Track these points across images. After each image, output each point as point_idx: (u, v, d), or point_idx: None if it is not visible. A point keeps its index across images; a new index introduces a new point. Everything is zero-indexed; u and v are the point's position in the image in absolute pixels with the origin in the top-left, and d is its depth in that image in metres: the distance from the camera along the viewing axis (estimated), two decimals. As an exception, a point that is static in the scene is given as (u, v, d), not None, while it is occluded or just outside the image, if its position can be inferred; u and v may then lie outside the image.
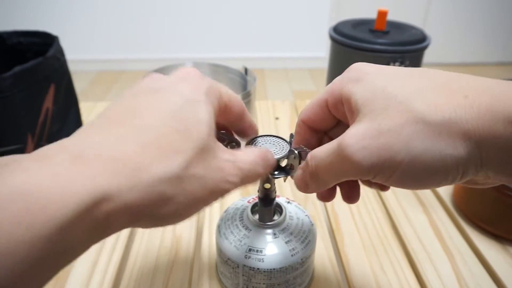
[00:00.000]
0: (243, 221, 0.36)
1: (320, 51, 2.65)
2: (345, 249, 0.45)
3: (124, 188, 0.18)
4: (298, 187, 0.28)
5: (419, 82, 0.23)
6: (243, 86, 0.62)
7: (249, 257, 0.34)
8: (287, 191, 0.54)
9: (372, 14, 0.77)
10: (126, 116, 0.22)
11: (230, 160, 0.24)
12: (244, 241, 0.34)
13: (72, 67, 0.56)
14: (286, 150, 0.30)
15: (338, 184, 0.29)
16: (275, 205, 0.36)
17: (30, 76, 0.45)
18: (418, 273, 0.42)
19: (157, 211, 0.20)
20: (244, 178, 0.24)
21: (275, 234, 0.35)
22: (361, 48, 0.61)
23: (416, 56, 0.62)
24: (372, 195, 0.54)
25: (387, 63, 0.60)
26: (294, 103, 0.79)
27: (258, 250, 0.34)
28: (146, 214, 0.20)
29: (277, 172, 0.30)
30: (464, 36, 2.62)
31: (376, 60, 0.60)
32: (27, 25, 2.30)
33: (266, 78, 2.53)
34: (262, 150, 0.27)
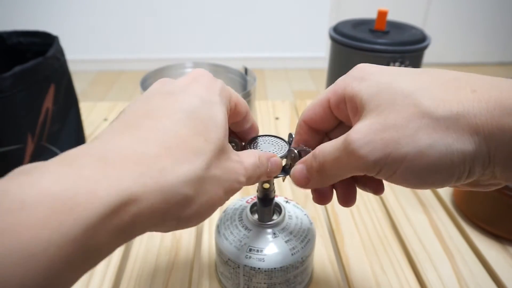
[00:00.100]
0: (243, 221, 0.36)
1: (320, 51, 2.65)
2: (345, 249, 0.45)
3: (149, 189, 0.19)
4: (297, 181, 0.28)
5: (425, 79, 0.23)
6: (243, 86, 0.62)
7: (249, 257, 0.34)
8: (287, 191, 0.54)
9: (372, 14, 0.77)
10: (144, 119, 0.22)
11: (239, 161, 0.24)
12: (244, 241, 0.34)
13: (72, 67, 0.56)
14: (285, 150, 0.30)
15: (335, 187, 0.29)
16: (274, 204, 0.36)
17: (30, 76, 0.45)
18: (418, 273, 0.42)
19: (181, 212, 0.21)
20: (249, 179, 0.25)
21: (275, 233, 0.35)
22: (361, 48, 0.61)
23: (416, 56, 0.62)
24: (372, 195, 0.54)
25: (387, 63, 0.60)
26: (294, 103, 0.79)
27: (258, 250, 0.34)
28: (171, 216, 0.20)
29: None
30: (464, 36, 2.62)
31: (376, 60, 0.60)
32: (27, 25, 2.30)
33: (266, 78, 2.53)
34: (267, 153, 0.28)
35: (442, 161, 0.21)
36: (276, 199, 0.37)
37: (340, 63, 0.67)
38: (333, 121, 0.28)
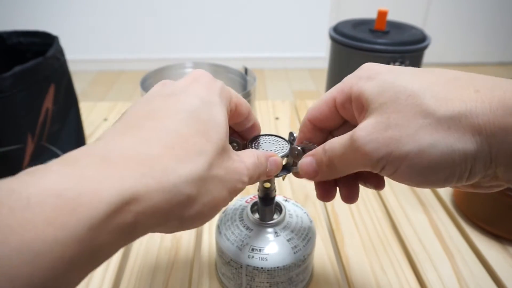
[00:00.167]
0: (243, 221, 0.36)
1: (320, 51, 2.65)
2: (345, 249, 0.45)
3: (151, 189, 0.19)
4: (306, 173, 0.28)
5: (429, 78, 0.23)
6: (243, 86, 0.62)
7: (252, 256, 0.34)
8: (287, 190, 0.54)
9: (372, 14, 0.77)
10: (145, 120, 0.22)
11: (241, 161, 0.25)
12: (246, 241, 0.34)
13: (72, 67, 0.56)
14: (286, 149, 0.30)
15: (338, 184, 0.29)
16: (275, 203, 0.37)
17: (30, 76, 0.45)
18: (418, 273, 0.42)
19: (183, 212, 0.21)
20: (251, 178, 0.25)
21: (277, 232, 0.35)
22: (361, 48, 0.61)
23: (416, 56, 0.62)
24: (372, 195, 0.54)
25: (387, 63, 0.60)
26: (294, 103, 0.79)
27: (260, 250, 0.34)
28: (173, 216, 0.20)
29: None
30: (464, 36, 2.62)
31: (376, 60, 0.60)
32: (27, 25, 2.30)
33: (266, 78, 2.53)
34: (266, 153, 0.28)
35: (443, 160, 0.21)
36: (275, 198, 0.37)
37: (340, 63, 0.67)
38: (338, 120, 0.28)
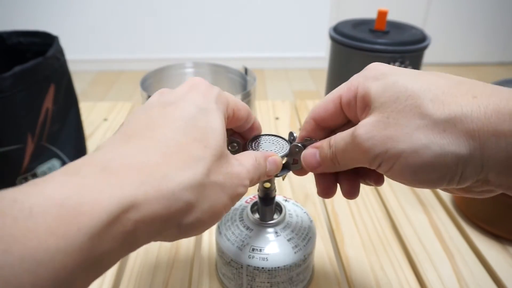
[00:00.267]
0: (244, 221, 0.36)
1: (320, 51, 2.65)
2: (345, 249, 0.45)
3: (150, 196, 0.19)
4: (308, 165, 0.29)
5: (430, 80, 0.23)
6: (243, 86, 0.62)
7: (252, 257, 0.34)
8: (287, 190, 0.54)
9: (372, 14, 0.77)
10: (143, 129, 0.22)
11: (240, 164, 0.25)
12: (246, 241, 0.35)
13: (72, 67, 0.56)
14: (286, 149, 0.30)
15: (339, 180, 0.30)
16: (274, 203, 0.37)
17: (30, 76, 0.45)
18: (418, 273, 0.42)
19: (182, 220, 0.21)
20: (251, 181, 0.26)
21: (277, 232, 0.35)
22: (361, 48, 0.61)
23: (416, 56, 0.62)
24: (372, 195, 0.54)
25: (387, 63, 0.60)
26: (294, 103, 0.79)
27: (261, 250, 0.34)
28: (173, 223, 0.21)
29: None
30: (464, 36, 2.62)
31: (376, 60, 0.60)
32: (27, 25, 2.30)
33: (266, 78, 2.53)
34: (264, 153, 0.28)
35: (436, 161, 0.21)
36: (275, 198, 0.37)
37: (340, 63, 0.67)
38: (341, 119, 0.29)
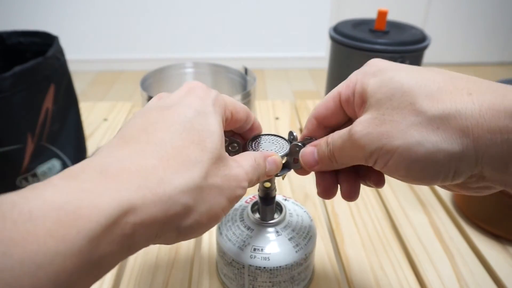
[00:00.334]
0: (244, 221, 0.36)
1: (320, 51, 2.65)
2: (345, 249, 0.45)
3: (148, 200, 0.19)
4: (306, 163, 0.29)
5: (426, 76, 0.23)
6: (243, 86, 0.62)
7: (254, 256, 0.34)
8: (287, 190, 0.54)
9: (372, 14, 0.77)
10: (141, 133, 0.23)
11: (238, 166, 0.25)
12: (247, 241, 0.35)
13: (72, 67, 0.56)
14: (286, 148, 0.30)
15: (339, 181, 0.30)
16: (275, 203, 0.37)
17: (30, 76, 0.45)
18: (418, 273, 0.42)
19: (181, 223, 0.21)
20: (250, 182, 0.26)
21: (278, 232, 0.35)
22: (361, 48, 0.61)
23: (416, 56, 0.62)
24: (372, 195, 0.54)
25: (387, 63, 0.60)
26: (294, 103, 0.79)
27: (263, 249, 0.34)
28: (171, 226, 0.21)
29: None
30: (464, 36, 2.62)
31: (376, 60, 0.60)
32: (27, 25, 2.30)
33: (266, 78, 2.53)
34: (264, 153, 0.28)
35: (428, 158, 0.21)
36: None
37: (340, 63, 0.67)
38: (342, 117, 0.29)
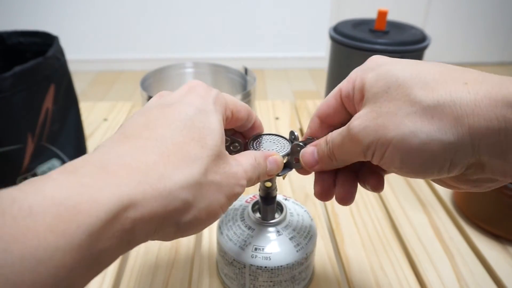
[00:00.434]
0: (245, 221, 0.36)
1: (320, 51, 2.65)
2: (345, 248, 0.45)
3: (148, 195, 0.19)
4: (306, 163, 0.29)
5: (421, 68, 0.23)
6: (243, 86, 0.62)
7: (255, 256, 0.34)
8: (287, 190, 0.54)
9: (372, 14, 0.77)
10: (142, 129, 0.23)
11: (238, 164, 0.25)
12: (248, 240, 0.35)
13: (72, 67, 0.56)
14: (288, 148, 0.30)
15: (336, 183, 0.30)
16: (276, 203, 0.37)
17: (30, 76, 0.45)
18: (418, 273, 0.42)
19: (180, 218, 0.21)
20: (249, 181, 0.26)
21: (279, 231, 0.35)
22: (361, 48, 0.61)
23: (416, 56, 0.62)
24: (372, 195, 0.54)
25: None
26: (294, 103, 0.79)
27: (263, 249, 0.34)
28: (170, 222, 0.21)
29: None
30: (464, 36, 2.62)
31: (376, 60, 0.60)
32: (27, 25, 2.30)
33: (266, 78, 2.53)
34: (264, 153, 0.28)
35: (422, 149, 0.21)
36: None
37: (340, 63, 0.67)
38: (344, 114, 0.29)
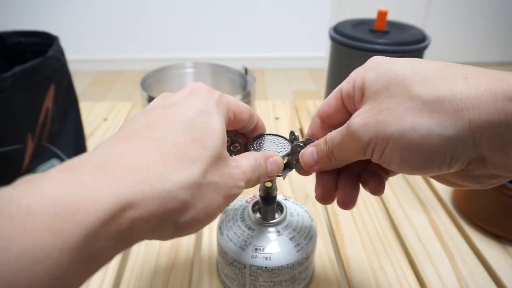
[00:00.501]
0: (245, 221, 0.36)
1: (320, 51, 2.65)
2: (345, 248, 0.45)
3: (147, 195, 0.19)
4: (306, 163, 0.29)
5: (422, 65, 0.23)
6: (243, 86, 0.62)
7: (255, 256, 0.34)
8: (287, 190, 0.54)
9: (372, 14, 0.77)
10: (142, 129, 0.23)
11: (237, 166, 0.25)
12: (249, 241, 0.35)
13: (72, 67, 0.56)
14: (288, 148, 0.30)
15: (338, 187, 0.30)
16: (276, 203, 0.37)
17: (30, 76, 0.45)
18: (418, 273, 0.42)
19: (178, 218, 0.21)
20: (248, 182, 0.26)
21: (279, 231, 0.35)
22: (361, 48, 0.61)
23: (416, 56, 0.62)
24: (372, 195, 0.54)
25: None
26: (294, 103, 0.79)
27: (264, 249, 0.34)
28: (168, 222, 0.21)
29: None
30: (464, 36, 2.62)
31: (376, 60, 0.60)
32: (27, 25, 2.30)
33: (266, 78, 2.53)
34: (265, 154, 0.28)
35: (422, 143, 0.21)
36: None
37: (340, 63, 0.67)
38: (344, 114, 0.29)
